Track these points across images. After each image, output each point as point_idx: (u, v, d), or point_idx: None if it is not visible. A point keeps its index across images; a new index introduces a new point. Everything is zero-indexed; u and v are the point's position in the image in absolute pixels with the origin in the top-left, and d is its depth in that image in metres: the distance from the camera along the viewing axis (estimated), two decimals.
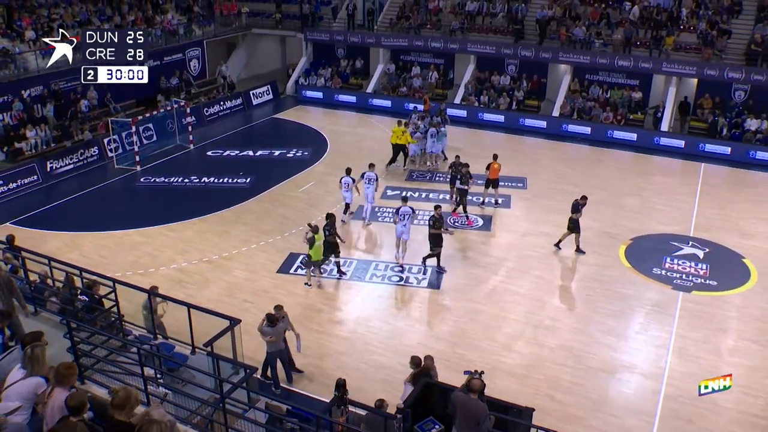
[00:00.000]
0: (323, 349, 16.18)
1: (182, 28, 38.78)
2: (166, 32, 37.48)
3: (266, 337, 14.48)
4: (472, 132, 32.78)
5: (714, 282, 19.73)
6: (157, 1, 40.00)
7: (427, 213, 23.74)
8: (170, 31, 37.89)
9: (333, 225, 19.16)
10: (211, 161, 29.54)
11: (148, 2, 39.30)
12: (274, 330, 14.50)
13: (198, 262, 20.40)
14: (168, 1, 40.99)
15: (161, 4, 40.03)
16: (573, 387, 15.10)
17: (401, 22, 39.62)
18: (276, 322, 14.59)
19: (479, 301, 18.58)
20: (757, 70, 31.68)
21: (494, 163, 24.37)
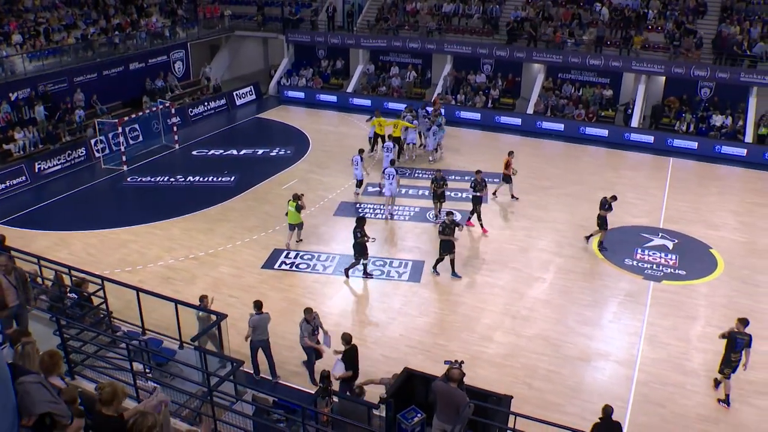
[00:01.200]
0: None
1: (167, 30, 38.48)
2: (150, 35, 37.19)
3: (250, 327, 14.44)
4: (449, 129, 32.65)
5: (683, 272, 19.93)
6: (142, 4, 39.68)
7: (408, 209, 23.91)
8: (155, 33, 37.60)
9: (362, 227, 18.91)
10: (196, 160, 29.37)
11: (133, 5, 38.98)
12: (259, 318, 14.42)
13: (184, 259, 20.28)
14: (152, 4, 40.69)
15: (146, 7, 39.71)
16: (550, 375, 15.19)
17: (380, 23, 39.57)
18: (261, 308, 14.53)
19: (459, 293, 18.64)
20: (721, 68, 32.00)
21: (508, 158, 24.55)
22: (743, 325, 14.25)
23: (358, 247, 18.89)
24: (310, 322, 14.45)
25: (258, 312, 14.49)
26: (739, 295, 18.36)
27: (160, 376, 11.67)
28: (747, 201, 25.48)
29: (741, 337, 14.15)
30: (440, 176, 22.68)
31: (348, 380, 13.33)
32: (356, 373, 13.53)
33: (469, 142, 31.37)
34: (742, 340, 14.12)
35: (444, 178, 22.72)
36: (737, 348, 14.16)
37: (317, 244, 21.35)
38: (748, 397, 14.60)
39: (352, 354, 13.48)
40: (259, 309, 14.52)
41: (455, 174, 27.28)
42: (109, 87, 33.51)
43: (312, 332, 14.46)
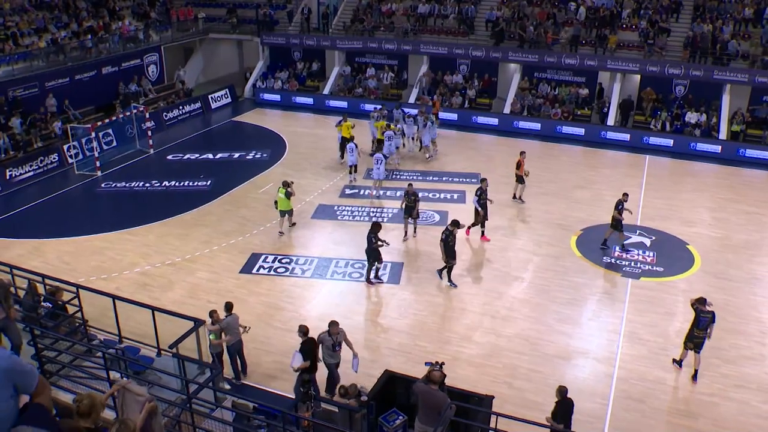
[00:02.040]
0: (287, 347, 16.01)
1: (140, 34, 38.20)
2: (123, 38, 36.89)
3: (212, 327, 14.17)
4: None
5: (660, 268, 20.13)
6: (114, 7, 39.35)
7: (387, 211, 23.90)
8: (128, 37, 37.31)
9: (377, 232, 18.83)
10: (171, 165, 29.18)
11: (105, 8, 38.64)
12: (231, 319, 14.37)
13: (161, 265, 20.13)
14: (125, 7, 40.36)
15: (118, 10, 39.39)
16: (531, 374, 15.26)
17: (355, 24, 39.57)
18: (231, 309, 14.50)
19: (438, 294, 18.67)
20: (695, 66, 32.38)
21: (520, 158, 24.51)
22: (704, 305, 15.00)
23: (372, 252, 18.85)
24: (333, 336, 13.98)
25: (228, 313, 14.51)
26: (715, 290, 18.55)
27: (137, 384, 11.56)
28: (721, 197, 25.80)
29: (704, 315, 14.95)
30: (412, 191, 21.55)
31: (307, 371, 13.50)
32: (314, 365, 13.68)
33: (447, 142, 31.43)
34: (706, 317, 14.92)
35: (416, 193, 21.61)
36: (701, 325, 14.92)
37: (295, 248, 21.29)
38: (726, 391, 14.78)
39: (309, 346, 13.63)
40: (229, 310, 14.54)
41: (433, 175, 27.38)
42: (81, 92, 33.17)
43: (333, 347, 13.94)
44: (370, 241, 18.73)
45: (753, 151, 30.22)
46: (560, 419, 12.19)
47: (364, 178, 26.66)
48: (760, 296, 18.81)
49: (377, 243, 18.74)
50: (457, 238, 18.96)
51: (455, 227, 18.79)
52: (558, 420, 12.17)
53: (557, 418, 12.21)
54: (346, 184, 26.16)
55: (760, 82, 31.32)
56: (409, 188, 21.68)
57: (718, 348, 16.18)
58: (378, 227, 18.97)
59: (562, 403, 12.32)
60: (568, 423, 12.30)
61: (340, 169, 27.85)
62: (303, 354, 13.49)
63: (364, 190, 25.78)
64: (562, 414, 12.25)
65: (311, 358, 13.56)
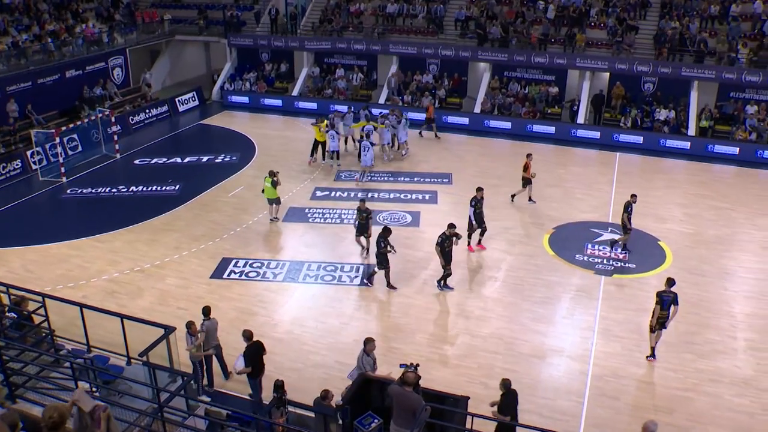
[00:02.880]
0: None
1: (104, 36, 37.76)
2: (87, 41, 36.44)
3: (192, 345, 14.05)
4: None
5: (633, 265, 20.35)
6: (77, 9, 38.86)
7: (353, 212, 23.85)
8: (92, 40, 36.85)
9: (386, 237, 18.68)
10: (138, 170, 28.87)
11: (68, 11, 38.13)
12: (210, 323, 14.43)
13: (129, 272, 19.90)
14: (88, 9, 39.87)
15: (81, 12, 38.90)
16: (506, 373, 15.20)
17: (324, 25, 39.51)
18: (209, 313, 14.53)
19: (411, 295, 18.68)
20: (663, 63, 32.82)
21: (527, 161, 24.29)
22: (668, 285, 15.59)
23: (381, 257, 18.77)
24: (371, 354, 13.33)
25: (207, 318, 14.49)
26: (688, 286, 18.79)
27: (107, 394, 11.41)
28: (692, 193, 26.16)
29: (666, 295, 15.50)
30: (364, 207, 20.57)
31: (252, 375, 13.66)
32: (257, 370, 13.76)
33: (417, 142, 31.50)
34: (668, 297, 15.47)
35: (368, 210, 20.61)
36: (664, 306, 15.47)
37: (267, 251, 21.18)
38: (700, 385, 14.97)
39: (251, 350, 13.65)
40: (207, 315, 14.52)
41: (404, 175, 27.42)
42: (44, 96, 32.70)
43: (373, 366, 13.31)
44: (379, 246, 18.65)
45: (721, 146, 30.70)
46: (507, 411, 12.17)
47: (318, 197, 26.57)
48: (731, 291, 19.10)
49: (386, 248, 18.66)
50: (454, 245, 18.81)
51: (452, 231, 18.50)
52: (504, 412, 12.16)
53: (503, 411, 12.18)
54: (317, 186, 26.08)
55: (727, 78, 31.83)
56: (361, 205, 20.63)
57: (692, 343, 16.43)
58: (388, 232, 18.79)
59: (507, 395, 12.30)
60: (515, 415, 12.32)
61: (311, 171, 27.81)
62: (246, 358, 13.54)
63: (335, 192, 25.75)
64: (508, 405, 12.23)
65: (255, 362, 13.63)
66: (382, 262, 18.85)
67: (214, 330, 14.56)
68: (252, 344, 13.74)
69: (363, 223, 20.50)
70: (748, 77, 31.37)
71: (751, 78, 31.37)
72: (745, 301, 18.61)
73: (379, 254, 18.77)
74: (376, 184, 26.60)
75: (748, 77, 31.37)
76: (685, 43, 33.16)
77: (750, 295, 18.90)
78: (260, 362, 13.85)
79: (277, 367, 15.14)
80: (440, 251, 18.47)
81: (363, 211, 20.44)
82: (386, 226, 19.09)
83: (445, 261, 18.61)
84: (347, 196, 25.31)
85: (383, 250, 18.65)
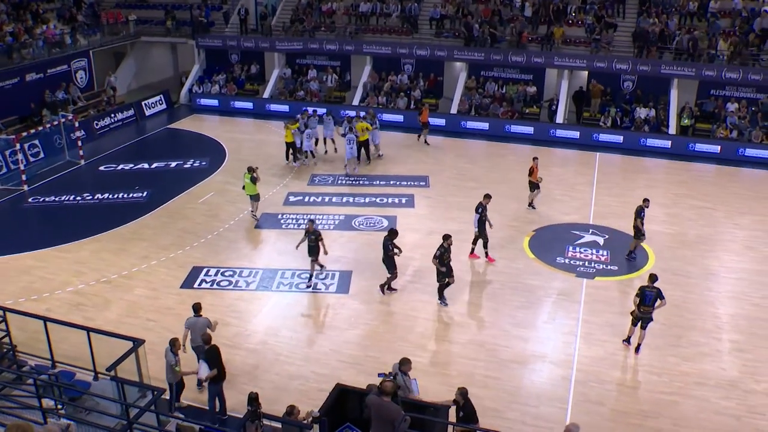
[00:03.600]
0: (233, 364, 15.82)
1: (66, 38, 37.38)
2: (48, 43, 36.04)
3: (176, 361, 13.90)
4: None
5: (615, 267, 20.50)
6: (37, 10, 38.42)
7: (333, 217, 23.82)
8: (53, 41, 36.46)
9: (393, 239, 18.60)
10: (104, 176, 28.57)
11: (27, 11, 37.68)
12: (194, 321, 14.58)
13: (96, 283, 19.67)
14: (49, 9, 39.44)
15: (41, 13, 38.46)
16: (487, 381, 15.35)
17: (295, 25, 39.42)
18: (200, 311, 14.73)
19: (389, 302, 18.66)
20: (643, 61, 33.15)
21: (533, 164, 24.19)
22: (651, 281, 16.04)
23: (389, 261, 18.67)
24: (408, 373, 12.91)
25: (196, 315, 14.70)
26: (672, 287, 18.92)
27: (74, 411, 11.26)
28: (673, 193, 26.43)
29: (650, 290, 15.91)
30: (313, 229, 19.30)
31: (215, 381, 13.60)
32: (221, 373, 13.74)
33: (392, 145, 31.52)
34: (651, 292, 15.87)
35: (317, 232, 19.37)
36: (647, 302, 15.87)
37: (239, 260, 21.04)
38: (686, 389, 15.09)
39: (213, 353, 13.63)
40: (196, 312, 14.73)
41: (380, 179, 27.43)
42: (3, 100, 32.25)
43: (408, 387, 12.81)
44: (387, 249, 18.55)
45: (702, 145, 31.10)
46: (474, 418, 12.07)
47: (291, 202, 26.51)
48: (715, 291, 19.32)
49: (393, 251, 18.59)
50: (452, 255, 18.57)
51: (450, 242, 18.17)
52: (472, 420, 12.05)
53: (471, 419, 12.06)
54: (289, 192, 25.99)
55: (707, 75, 32.25)
56: (309, 226, 19.33)
57: (677, 345, 16.58)
58: (395, 234, 18.74)
59: (467, 405, 12.14)
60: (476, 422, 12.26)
61: (283, 175, 27.72)
62: (209, 362, 13.51)
63: (309, 197, 25.67)
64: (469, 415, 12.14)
65: (218, 365, 13.59)
66: (391, 266, 18.76)
67: (199, 328, 14.53)
68: (211, 347, 13.70)
69: (312, 246, 19.32)
70: (728, 74, 31.81)
71: (731, 75, 31.82)
72: (729, 301, 18.83)
73: (386, 258, 18.68)
74: (350, 188, 26.57)
75: (728, 74, 31.81)
76: (665, 41, 33.52)
77: (733, 296, 19.13)
78: (222, 366, 13.80)
79: (251, 379, 15.07)
80: (439, 263, 18.01)
81: (311, 233, 19.25)
82: (392, 228, 19.06)
83: (446, 274, 18.16)
84: (321, 201, 25.26)
85: (391, 253, 18.58)
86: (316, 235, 19.27)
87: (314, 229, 19.37)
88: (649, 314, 15.94)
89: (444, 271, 18.17)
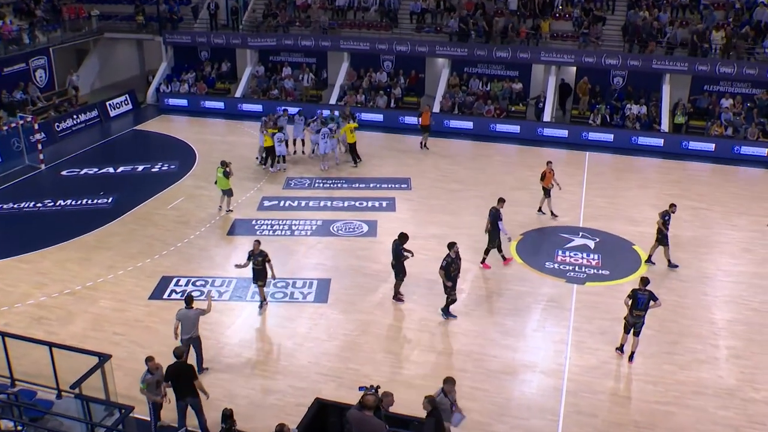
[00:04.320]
0: (205, 379, 15.75)
1: (24, 35, 37.06)
2: (5, 40, 35.74)
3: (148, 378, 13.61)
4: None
5: (606, 271, 20.61)
6: None
7: (309, 223, 23.77)
8: (10, 38, 36.16)
9: (404, 243, 18.57)
10: (66, 182, 28.36)
11: None
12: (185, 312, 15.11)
13: (59, 295, 19.50)
14: (5, 4, 39.10)
15: None
16: (475, 392, 15.36)
17: (268, 20, 39.38)
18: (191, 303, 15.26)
19: (370, 311, 18.64)
20: (633, 55, 33.40)
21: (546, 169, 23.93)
22: (643, 284, 16.09)
23: (399, 266, 18.67)
24: (450, 395, 12.66)
25: (187, 306, 15.25)
26: (665, 292, 19.07)
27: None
28: (666, 193, 26.55)
29: (642, 293, 16.00)
30: (258, 250, 18.15)
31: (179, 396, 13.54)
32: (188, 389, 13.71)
33: (372, 145, 31.53)
34: (644, 295, 15.97)
35: (264, 253, 18.20)
36: (639, 305, 15.97)
37: (210, 268, 20.95)
38: (682, 398, 15.17)
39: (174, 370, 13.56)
40: (188, 304, 15.31)
41: (359, 182, 27.43)
42: None
43: (451, 408, 12.67)
44: (399, 254, 18.52)
45: (696, 143, 31.36)
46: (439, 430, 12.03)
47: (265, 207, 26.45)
48: (711, 296, 19.48)
49: (406, 256, 18.59)
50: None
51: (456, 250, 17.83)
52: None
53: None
54: (264, 196, 25.93)
55: (700, 70, 32.56)
56: (255, 247, 18.25)
57: (672, 353, 16.68)
58: (405, 238, 18.68)
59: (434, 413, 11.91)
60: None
61: (257, 179, 27.66)
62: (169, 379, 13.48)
63: (284, 201, 25.62)
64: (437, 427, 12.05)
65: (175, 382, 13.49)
66: (400, 271, 18.77)
67: (191, 320, 15.07)
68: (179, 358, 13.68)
69: (259, 269, 18.27)
70: (722, 68, 32.15)
71: (725, 69, 32.15)
72: (726, 306, 18.99)
73: (396, 263, 18.67)
74: (329, 191, 26.54)
75: (722, 68, 32.15)
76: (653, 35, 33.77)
77: (730, 300, 19.29)
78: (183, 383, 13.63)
79: (226, 395, 14.99)
80: (445, 275, 17.72)
81: (258, 254, 18.14)
82: (403, 232, 18.93)
83: (451, 286, 17.88)
84: (298, 206, 25.21)
85: (403, 258, 18.57)
86: (263, 256, 18.14)
87: (260, 250, 18.19)
88: (641, 319, 16.04)
89: (450, 286, 17.82)
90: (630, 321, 16.17)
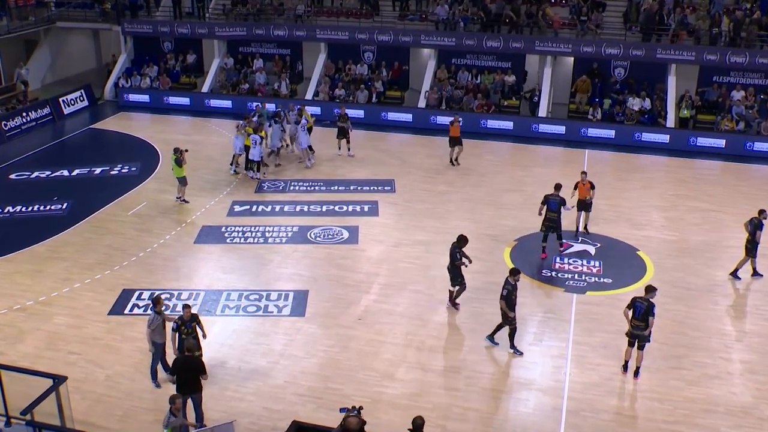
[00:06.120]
0: None
1: None
2: None
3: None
4: (327, 131, 32.72)
5: (609, 280, 20.70)
6: None
7: (284, 229, 23.75)
8: None
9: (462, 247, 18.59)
10: (15, 186, 28.23)
11: None
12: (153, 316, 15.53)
13: (8, 311, 19.37)
14: None
15: None
16: (466, 413, 15.39)
17: (237, 8, 39.38)
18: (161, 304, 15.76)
19: (351, 325, 18.62)
20: (636, 44, 33.56)
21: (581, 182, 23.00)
22: (648, 293, 16.09)
23: (455, 271, 18.71)
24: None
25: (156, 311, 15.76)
26: (673, 301, 19.21)
27: None
28: (672, 194, 26.78)
29: (641, 302, 16.02)
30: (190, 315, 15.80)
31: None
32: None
33: (353, 145, 31.49)
34: (642, 305, 15.97)
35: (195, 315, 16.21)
36: (636, 314, 16.01)
37: (176, 280, 20.89)
38: (692, 417, 15.22)
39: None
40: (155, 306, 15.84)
41: (339, 183, 27.44)
42: None
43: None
44: (455, 258, 18.57)
45: (705, 139, 31.58)
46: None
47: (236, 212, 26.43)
48: (722, 305, 19.57)
49: (461, 260, 18.61)
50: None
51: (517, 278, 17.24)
52: None
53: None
54: (234, 201, 25.91)
55: (709, 60, 32.74)
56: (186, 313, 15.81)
57: (680, 368, 16.74)
58: (464, 241, 18.70)
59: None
60: None
61: (226, 182, 27.57)
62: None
63: (257, 206, 25.58)
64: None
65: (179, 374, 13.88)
66: (457, 277, 18.82)
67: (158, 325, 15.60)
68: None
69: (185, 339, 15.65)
70: (733, 58, 32.32)
71: (736, 59, 32.34)
72: (739, 316, 19.12)
73: (453, 268, 18.72)
74: (306, 195, 26.52)
75: (733, 58, 32.32)
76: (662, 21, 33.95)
77: (744, 310, 19.42)
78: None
79: (192, 417, 14.93)
80: (506, 305, 17.07)
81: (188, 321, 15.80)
82: (462, 235, 18.90)
83: (512, 314, 17.17)
84: (272, 211, 25.19)
85: (458, 263, 18.60)
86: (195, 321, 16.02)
87: (191, 314, 16.01)
88: (641, 330, 15.97)
89: (512, 317, 17.19)
90: (630, 332, 16.20)
